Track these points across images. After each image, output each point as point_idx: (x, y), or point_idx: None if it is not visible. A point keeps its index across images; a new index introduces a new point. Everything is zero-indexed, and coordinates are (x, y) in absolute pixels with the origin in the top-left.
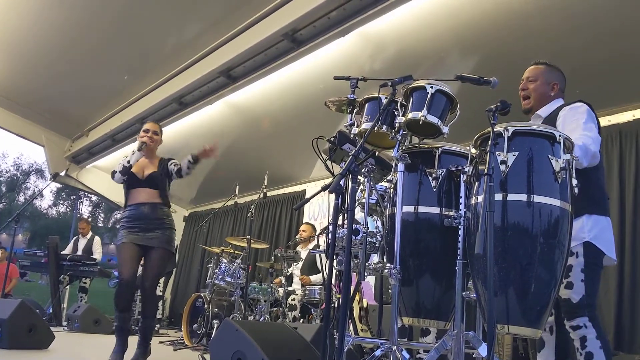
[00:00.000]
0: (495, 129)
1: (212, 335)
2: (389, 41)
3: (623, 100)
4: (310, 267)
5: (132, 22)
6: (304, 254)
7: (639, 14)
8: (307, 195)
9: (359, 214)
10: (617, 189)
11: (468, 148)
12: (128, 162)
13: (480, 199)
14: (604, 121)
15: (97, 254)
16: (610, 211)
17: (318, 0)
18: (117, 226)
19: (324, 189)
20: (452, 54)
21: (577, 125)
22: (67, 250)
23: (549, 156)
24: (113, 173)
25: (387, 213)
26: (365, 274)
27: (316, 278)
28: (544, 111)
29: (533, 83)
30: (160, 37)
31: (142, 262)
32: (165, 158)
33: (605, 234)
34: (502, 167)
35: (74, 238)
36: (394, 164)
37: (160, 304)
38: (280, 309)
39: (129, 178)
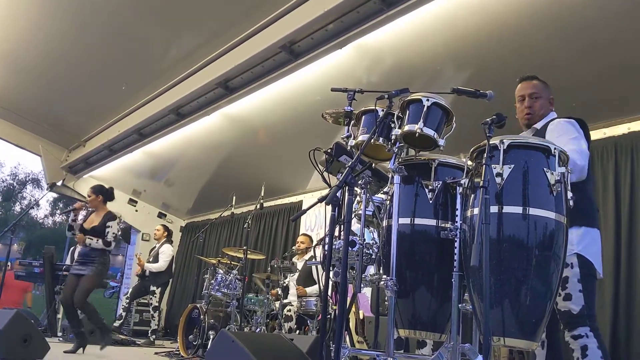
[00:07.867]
0: (491, 142)
1: (208, 346)
2: (385, 54)
3: (618, 113)
4: (306, 278)
5: (130, 34)
6: (300, 265)
7: (633, 25)
8: (304, 207)
9: (355, 226)
10: (613, 202)
11: (464, 160)
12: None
13: (476, 211)
14: (599, 134)
15: None
16: (606, 224)
17: (316, 12)
18: None
19: (320, 200)
20: (447, 67)
21: (566, 142)
22: (67, 262)
23: (544, 169)
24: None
25: (384, 225)
26: (362, 285)
27: (312, 290)
28: (538, 124)
29: (539, 100)
30: (158, 48)
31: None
32: (112, 214)
33: (593, 247)
34: (498, 180)
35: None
36: (390, 176)
37: (156, 314)
38: (277, 320)
39: (81, 228)
